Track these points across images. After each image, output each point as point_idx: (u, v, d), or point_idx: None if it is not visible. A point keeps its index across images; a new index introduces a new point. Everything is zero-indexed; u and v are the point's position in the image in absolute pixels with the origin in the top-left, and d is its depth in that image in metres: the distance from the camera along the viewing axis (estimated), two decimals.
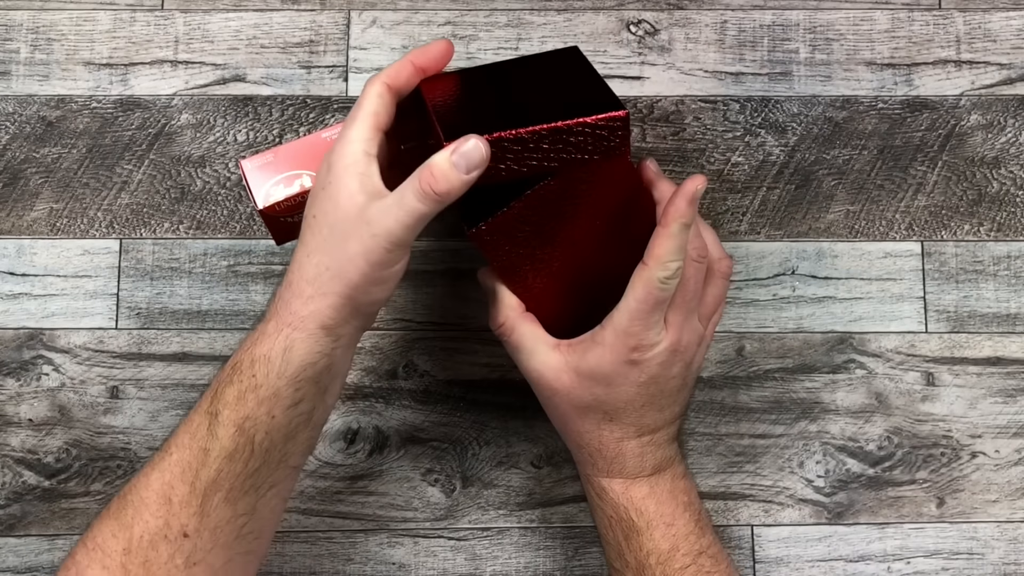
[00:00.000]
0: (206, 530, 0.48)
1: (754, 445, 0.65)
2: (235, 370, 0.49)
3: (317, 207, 0.49)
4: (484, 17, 0.68)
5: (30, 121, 0.67)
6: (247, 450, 0.48)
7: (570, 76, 0.54)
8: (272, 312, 0.50)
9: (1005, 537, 0.64)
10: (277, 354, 0.48)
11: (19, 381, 0.64)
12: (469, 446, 0.64)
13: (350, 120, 0.50)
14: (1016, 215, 0.67)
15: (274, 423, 0.49)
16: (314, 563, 0.63)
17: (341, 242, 0.48)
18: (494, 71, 0.56)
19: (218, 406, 0.48)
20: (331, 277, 0.48)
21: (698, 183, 0.51)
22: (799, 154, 0.67)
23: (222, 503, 0.48)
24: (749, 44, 0.68)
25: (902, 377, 0.65)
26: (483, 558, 0.64)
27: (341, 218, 0.48)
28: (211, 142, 0.67)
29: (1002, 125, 0.67)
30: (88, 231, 0.66)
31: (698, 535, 0.54)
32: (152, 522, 0.47)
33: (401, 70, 0.52)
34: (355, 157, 0.48)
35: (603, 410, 0.53)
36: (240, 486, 0.49)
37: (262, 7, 0.68)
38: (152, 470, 0.49)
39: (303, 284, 0.49)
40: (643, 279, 0.50)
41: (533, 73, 0.55)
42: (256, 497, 0.49)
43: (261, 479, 0.49)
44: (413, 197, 0.46)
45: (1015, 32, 0.68)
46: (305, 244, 0.50)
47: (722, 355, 0.65)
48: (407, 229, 0.47)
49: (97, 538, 0.48)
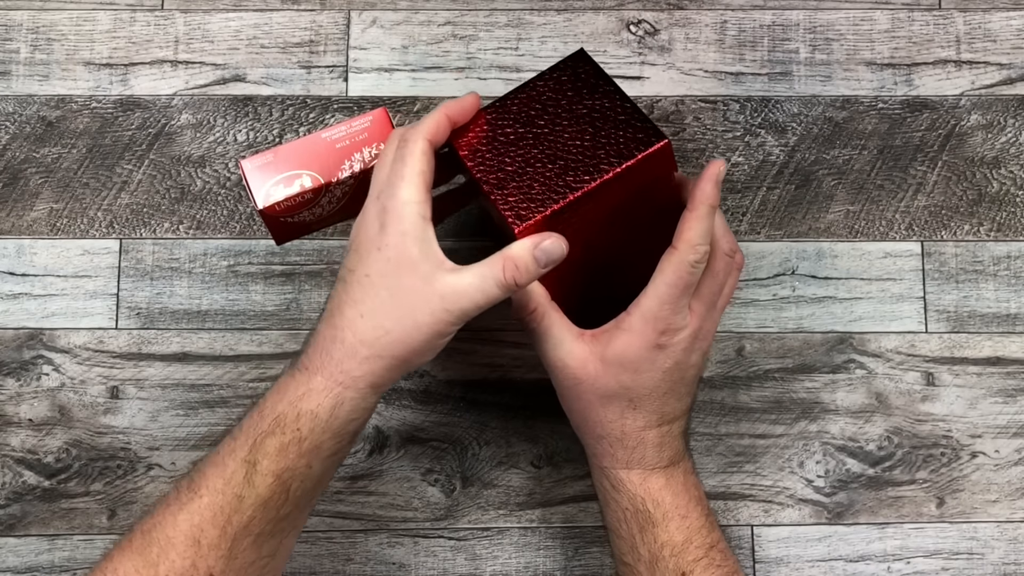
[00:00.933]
0: (231, 571, 0.49)
1: (754, 445, 0.65)
2: (278, 423, 0.49)
3: (371, 267, 0.50)
4: (484, 17, 0.68)
5: (30, 121, 0.67)
6: (282, 498, 0.49)
7: (595, 103, 0.53)
8: (318, 365, 0.50)
9: (1005, 537, 0.64)
10: (326, 411, 0.49)
11: (19, 381, 0.64)
12: (469, 446, 0.64)
13: (398, 178, 0.50)
14: (1016, 215, 0.67)
15: (310, 472, 0.50)
16: (314, 563, 0.63)
17: (407, 311, 0.49)
18: (516, 111, 0.55)
19: (258, 456, 0.49)
20: (391, 341, 0.49)
21: (720, 165, 0.52)
22: (799, 154, 0.67)
23: (250, 546, 0.49)
24: (749, 44, 0.68)
25: (902, 377, 0.65)
26: (483, 558, 0.64)
27: (406, 287, 0.49)
28: (211, 142, 0.67)
29: (1002, 125, 0.67)
30: (88, 231, 0.66)
31: (709, 529, 0.54)
32: (179, 562, 0.48)
33: (440, 126, 0.52)
34: (413, 221, 0.49)
35: (628, 397, 0.53)
36: (269, 531, 0.50)
37: (262, 7, 0.68)
38: (180, 510, 0.49)
39: (358, 345, 0.49)
40: (673, 263, 0.51)
41: (558, 108, 0.54)
42: (281, 539, 0.51)
43: (289, 523, 0.51)
44: (495, 285, 0.48)
45: (1015, 32, 0.68)
46: (357, 303, 0.50)
47: (722, 355, 0.65)
48: (479, 310, 0.49)
49: (119, 571, 0.48)
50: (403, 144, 0.51)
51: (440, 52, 0.68)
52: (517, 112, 0.54)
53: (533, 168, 0.52)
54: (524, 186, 0.52)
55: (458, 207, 0.60)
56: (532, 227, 0.50)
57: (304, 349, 0.51)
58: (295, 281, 0.66)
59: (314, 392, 0.49)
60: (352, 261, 0.51)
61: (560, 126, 0.53)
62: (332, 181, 0.62)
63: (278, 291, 0.66)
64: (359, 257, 0.50)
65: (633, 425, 0.54)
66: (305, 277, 0.66)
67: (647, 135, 0.51)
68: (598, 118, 0.53)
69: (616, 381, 0.53)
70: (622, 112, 0.52)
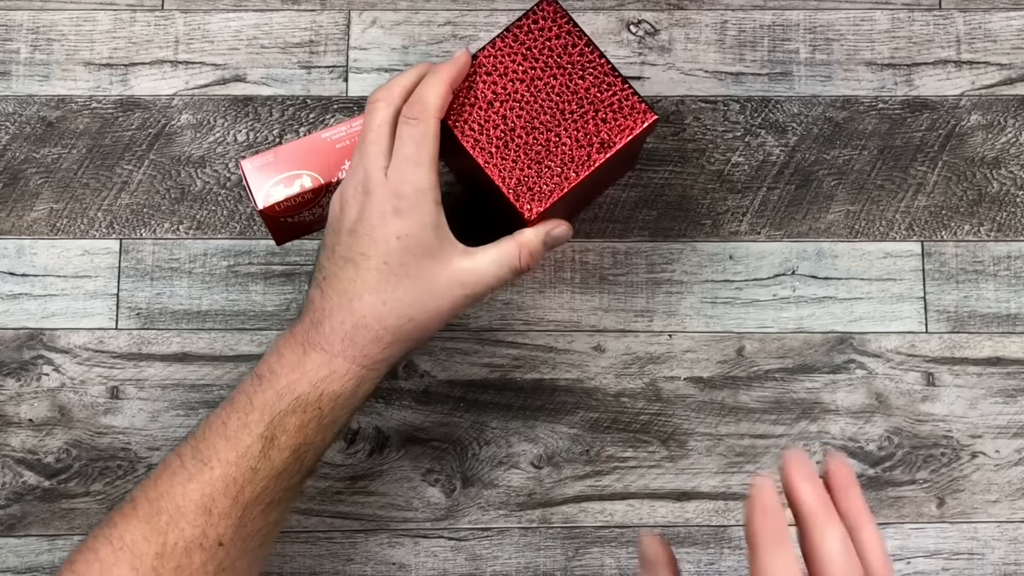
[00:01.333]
0: (239, 539, 0.49)
1: (754, 445, 0.65)
2: (299, 403, 0.50)
3: (391, 256, 0.50)
4: (484, 17, 0.68)
5: (30, 121, 0.67)
6: (295, 468, 0.51)
7: (579, 68, 0.55)
8: (339, 349, 0.51)
9: (1005, 537, 0.64)
10: (348, 391, 0.51)
11: (19, 381, 0.64)
12: (469, 446, 0.64)
13: (413, 164, 0.50)
14: (1016, 215, 0.67)
15: (324, 443, 0.52)
16: (314, 563, 0.63)
17: (429, 298, 0.51)
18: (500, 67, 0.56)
19: (276, 431, 0.50)
20: (414, 327, 0.51)
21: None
22: (799, 154, 0.67)
23: (259, 515, 0.50)
24: (749, 44, 0.68)
25: (902, 377, 0.65)
26: (483, 558, 0.64)
27: (428, 275, 0.51)
28: (211, 142, 0.67)
29: (1002, 125, 0.67)
30: (88, 231, 0.66)
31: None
32: (188, 531, 0.48)
33: (447, 100, 0.52)
34: (430, 209, 0.51)
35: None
36: (279, 499, 0.51)
37: (262, 7, 0.68)
38: (190, 480, 0.49)
39: (383, 332, 0.51)
40: None
41: (539, 76, 0.55)
42: (287, 505, 0.52)
43: (297, 491, 0.52)
44: (509, 270, 0.52)
45: (1015, 32, 0.68)
46: (378, 290, 0.51)
47: (722, 355, 0.65)
48: (493, 291, 0.53)
49: (125, 537, 0.48)
50: (414, 123, 0.51)
51: (440, 52, 0.68)
52: (495, 67, 0.55)
53: (532, 153, 0.54)
54: (526, 172, 0.54)
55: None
56: (542, 215, 0.54)
57: (313, 325, 0.51)
58: (295, 281, 0.66)
59: (337, 375, 0.51)
60: (364, 245, 0.51)
61: (549, 100, 0.55)
62: (332, 181, 0.62)
63: (278, 291, 0.66)
64: (372, 241, 0.51)
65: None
66: (305, 277, 0.66)
67: (636, 111, 0.55)
68: (587, 91, 0.55)
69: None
70: (611, 82, 0.55)
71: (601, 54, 0.55)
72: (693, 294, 0.66)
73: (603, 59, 0.55)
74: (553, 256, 0.66)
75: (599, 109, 0.55)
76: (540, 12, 0.56)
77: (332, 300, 0.51)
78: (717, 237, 0.66)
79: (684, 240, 0.66)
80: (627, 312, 0.66)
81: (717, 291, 0.66)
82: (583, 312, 0.64)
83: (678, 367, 0.65)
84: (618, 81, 0.55)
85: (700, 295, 0.66)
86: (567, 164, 0.54)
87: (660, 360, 0.65)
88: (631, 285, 0.66)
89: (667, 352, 0.65)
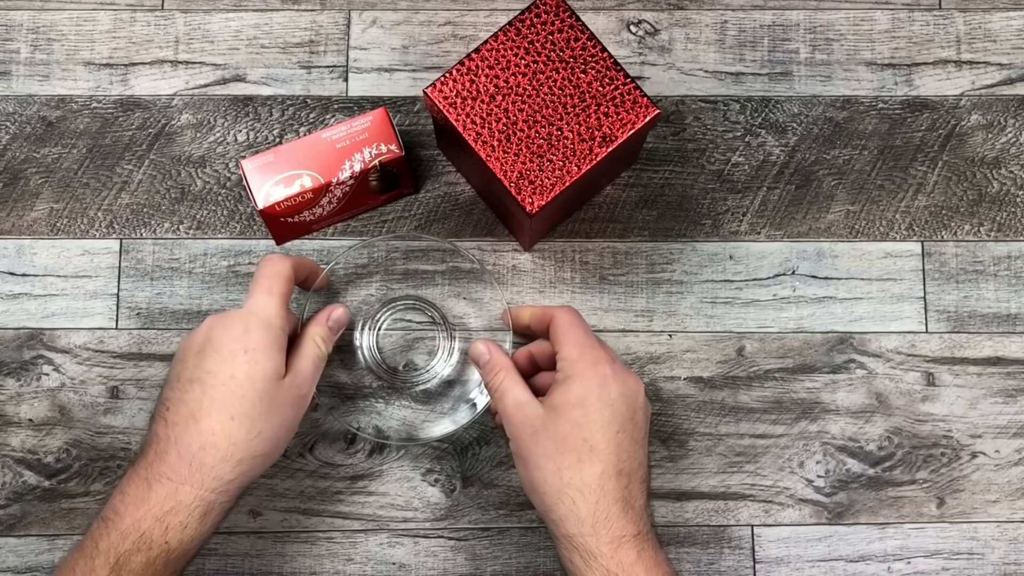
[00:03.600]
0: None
1: (754, 445, 0.65)
2: (143, 541, 0.50)
3: (238, 369, 0.52)
4: (484, 17, 0.68)
5: (30, 121, 0.67)
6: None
7: (582, 62, 0.55)
8: (185, 476, 0.51)
9: (1005, 537, 0.64)
10: (196, 520, 0.51)
11: (19, 381, 0.64)
12: (469, 446, 0.64)
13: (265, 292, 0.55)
14: (1016, 215, 0.67)
15: (178, 569, 0.52)
16: (314, 563, 0.63)
17: (275, 408, 0.53)
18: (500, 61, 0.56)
19: (121, 573, 0.49)
20: (264, 440, 0.52)
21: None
22: (799, 154, 0.67)
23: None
24: (749, 44, 0.68)
25: (902, 377, 0.65)
26: (483, 558, 0.64)
27: (272, 387, 0.53)
28: (211, 142, 0.67)
29: (1002, 125, 0.67)
30: (88, 231, 0.66)
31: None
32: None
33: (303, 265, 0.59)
34: (276, 334, 0.54)
35: (582, 436, 0.53)
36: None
37: (262, 7, 0.68)
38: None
39: (232, 449, 0.51)
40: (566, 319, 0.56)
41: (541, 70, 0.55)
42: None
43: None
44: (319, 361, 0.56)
45: (1015, 32, 0.68)
46: (226, 405, 0.51)
47: (722, 355, 0.65)
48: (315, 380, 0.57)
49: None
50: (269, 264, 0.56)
51: (440, 52, 0.68)
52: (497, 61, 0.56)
53: (530, 138, 0.55)
54: (529, 164, 0.55)
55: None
56: (544, 209, 0.55)
57: (157, 456, 0.51)
58: None
59: (183, 505, 0.51)
60: (212, 363, 0.52)
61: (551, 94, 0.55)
62: (332, 181, 0.62)
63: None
64: (221, 359, 0.52)
65: (591, 471, 0.52)
66: None
67: (639, 106, 0.55)
68: (589, 84, 0.55)
69: (568, 421, 0.52)
70: (614, 76, 0.55)
71: (603, 48, 0.55)
72: (693, 294, 0.66)
73: (605, 53, 0.55)
74: (554, 256, 0.66)
75: (601, 103, 0.55)
76: (543, 6, 0.56)
77: (178, 426, 0.51)
78: (717, 237, 0.66)
79: (684, 240, 0.66)
80: (627, 312, 0.66)
81: (717, 291, 0.66)
82: (583, 312, 0.64)
83: (678, 367, 0.65)
84: (620, 75, 0.55)
85: (700, 295, 0.66)
86: (569, 158, 0.54)
87: (660, 360, 0.65)
88: (631, 285, 0.66)
89: (667, 352, 0.65)
